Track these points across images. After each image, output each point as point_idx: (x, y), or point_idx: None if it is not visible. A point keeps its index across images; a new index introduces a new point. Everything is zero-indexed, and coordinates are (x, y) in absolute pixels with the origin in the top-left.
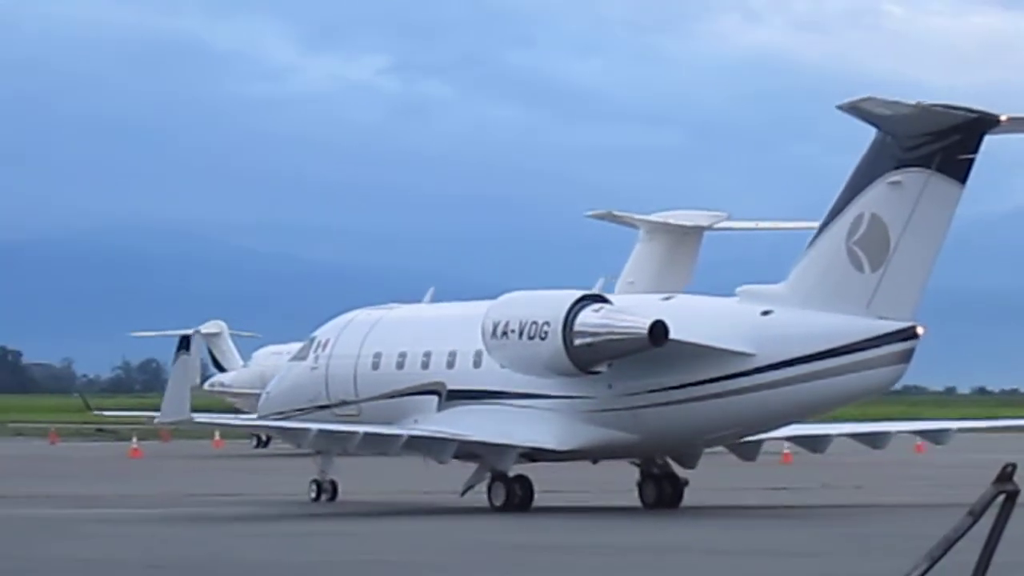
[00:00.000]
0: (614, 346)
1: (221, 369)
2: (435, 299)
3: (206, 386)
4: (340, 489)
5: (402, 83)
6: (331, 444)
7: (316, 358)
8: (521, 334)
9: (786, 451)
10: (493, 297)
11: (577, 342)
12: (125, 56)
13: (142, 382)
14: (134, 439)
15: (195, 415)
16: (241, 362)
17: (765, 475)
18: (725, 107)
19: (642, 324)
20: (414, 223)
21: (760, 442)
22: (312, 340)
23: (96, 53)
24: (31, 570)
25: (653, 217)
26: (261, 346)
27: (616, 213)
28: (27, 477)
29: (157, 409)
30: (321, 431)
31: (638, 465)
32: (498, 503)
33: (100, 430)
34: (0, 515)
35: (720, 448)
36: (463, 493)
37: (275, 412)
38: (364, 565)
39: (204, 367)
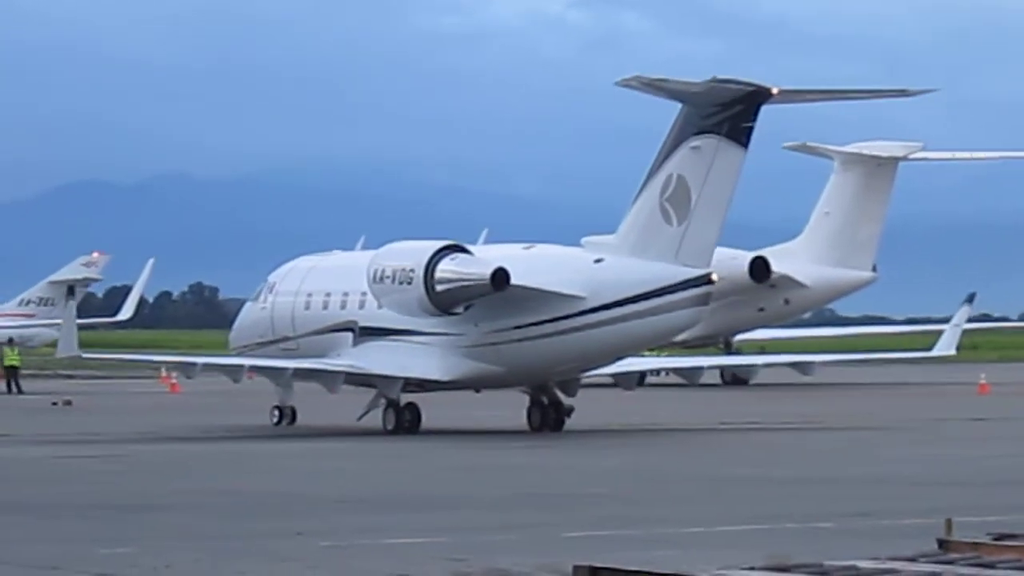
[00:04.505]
0: (466, 291)
1: None
2: (366, 246)
3: None
4: (298, 415)
5: (593, 16)
6: (226, 375)
7: (265, 299)
8: (394, 280)
9: (982, 382)
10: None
11: (438, 288)
12: None
13: None
14: None
15: (83, 352)
16: None
17: (964, 405)
18: (918, 37)
19: (485, 271)
20: (609, 157)
21: (642, 373)
22: (265, 283)
23: None
24: (229, 504)
25: (848, 148)
26: None
27: (811, 145)
28: (225, 412)
29: None
30: (206, 364)
31: (528, 394)
32: (390, 427)
33: None
34: (199, 450)
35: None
36: (360, 418)
37: (238, 347)
38: (586, 499)
39: None
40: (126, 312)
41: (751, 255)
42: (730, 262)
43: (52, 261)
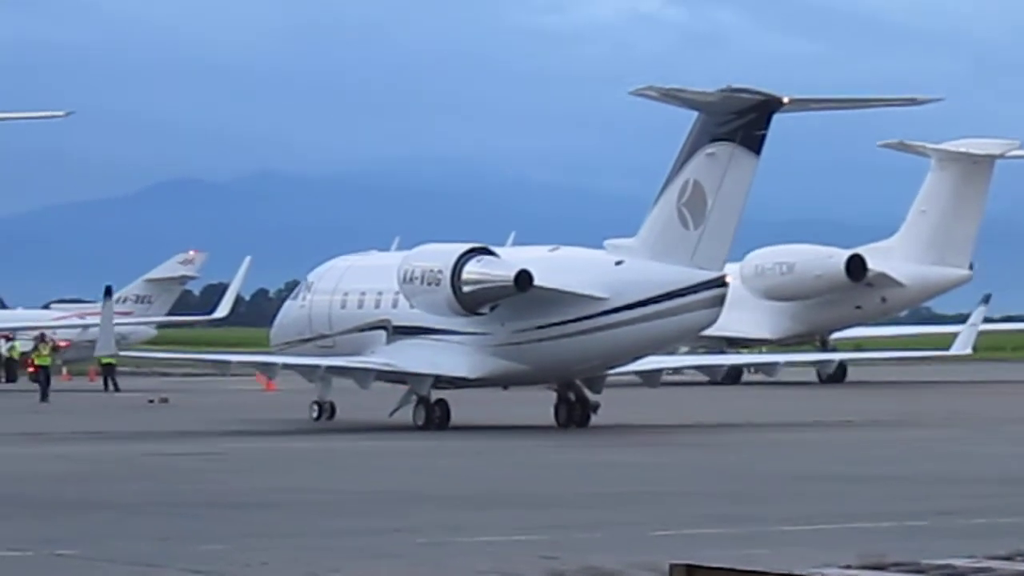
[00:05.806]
0: (491, 292)
1: None
2: (400, 247)
3: None
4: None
5: (690, 13)
6: (260, 372)
7: (303, 298)
8: (423, 281)
9: None
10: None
11: (464, 289)
12: None
13: None
14: None
15: (120, 351)
16: None
17: None
18: (1011, 33)
19: (509, 274)
20: None
21: (660, 371)
22: (304, 281)
23: None
24: (322, 501)
25: (944, 146)
26: None
27: (907, 143)
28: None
29: None
30: (242, 362)
31: (555, 391)
32: (420, 423)
33: None
34: (291, 447)
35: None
36: (392, 413)
37: (277, 344)
38: (650, 495)
39: None
40: (223, 310)
41: (848, 253)
42: (827, 260)
43: (149, 258)
